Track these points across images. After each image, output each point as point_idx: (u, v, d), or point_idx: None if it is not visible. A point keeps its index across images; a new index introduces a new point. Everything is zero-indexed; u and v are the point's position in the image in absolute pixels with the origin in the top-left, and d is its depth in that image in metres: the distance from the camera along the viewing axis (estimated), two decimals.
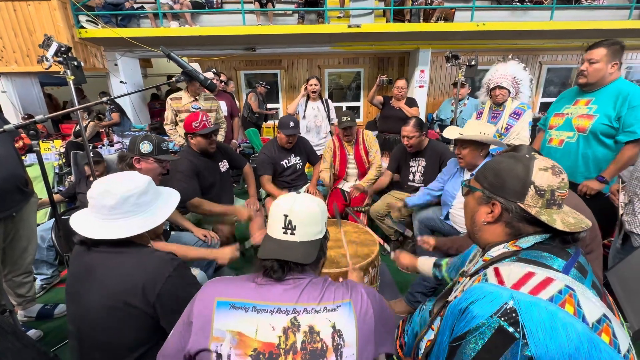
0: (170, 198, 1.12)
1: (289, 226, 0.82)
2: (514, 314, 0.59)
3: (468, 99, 4.11)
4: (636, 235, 1.49)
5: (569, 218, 0.72)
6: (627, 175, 1.75)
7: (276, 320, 0.75)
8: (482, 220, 0.80)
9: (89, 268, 0.96)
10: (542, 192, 0.72)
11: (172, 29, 4.88)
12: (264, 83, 5.20)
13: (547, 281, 0.63)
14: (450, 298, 0.88)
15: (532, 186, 0.72)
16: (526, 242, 0.74)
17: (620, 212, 1.55)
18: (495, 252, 0.77)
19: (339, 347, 0.74)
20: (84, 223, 0.96)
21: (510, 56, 2.57)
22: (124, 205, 0.95)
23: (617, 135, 1.75)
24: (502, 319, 0.59)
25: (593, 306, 0.61)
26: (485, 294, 0.64)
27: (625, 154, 1.73)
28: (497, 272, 0.69)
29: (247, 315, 0.76)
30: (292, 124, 2.53)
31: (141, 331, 0.94)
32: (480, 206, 0.81)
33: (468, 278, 0.81)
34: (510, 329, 0.58)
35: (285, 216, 0.83)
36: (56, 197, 2.56)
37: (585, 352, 0.55)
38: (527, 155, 0.78)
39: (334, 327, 0.75)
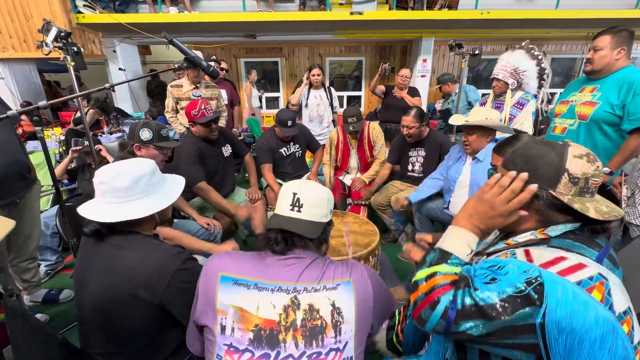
0: (177, 180, 1.15)
1: (297, 204, 0.86)
2: (539, 286, 0.59)
3: (454, 94, 4.09)
4: (635, 226, 1.50)
5: (602, 206, 0.71)
6: (628, 168, 1.75)
7: (277, 299, 0.78)
8: None
9: (97, 258, 0.97)
10: (576, 180, 0.70)
11: (171, 14, 4.79)
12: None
13: (579, 266, 0.63)
14: None
15: (566, 173, 0.71)
16: (555, 230, 0.72)
17: (623, 205, 1.55)
18: (521, 238, 0.76)
19: (338, 323, 0.77)
20: (97, 211, 0.95)
21: (524, 43, 2.49)
22: (137, 186, 0.97)
23: (621, 124, 1.73)
24: (528, 285, 0.60)
25: (622, 297, 0.62)
26: (517, 264, 0.65)
27: (631, 144, 1.70)
28: (527, 253, 0.68)
29: (249, 292, 0.79)
30: (289, 123, 2.46)
31: (147, 321, 0.95)
32: None
33: (485, 256, 0.81)
34: (534, 295, 0.59)
35: (294, 194, 0.87)
36: (58, 170, 2.55)
37: (599, 336, 0.57)
38: (561, 142, 0.75)
39: (333, 305, 0.78)
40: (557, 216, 0.73)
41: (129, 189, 0.96)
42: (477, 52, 2.75)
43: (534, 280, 0.60)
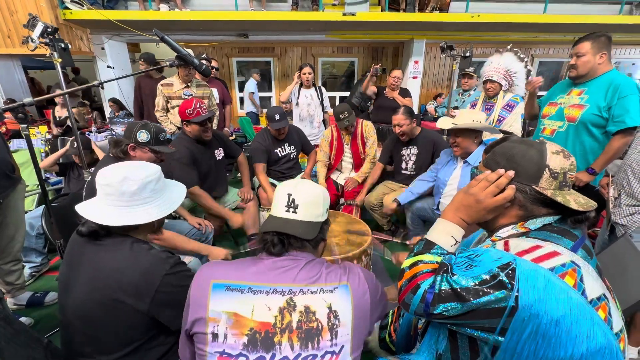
0: (178, 187, 1.13)
1: (292, 204, 0.85)
2: (511, 271, 0.63)
3: (475, 89, 4.05)
4: (620, 225, 1.54)
5: (579, 198, 0.76)
6: (614, 169, 1.80)
7: (272, 301, 0.77)
8: None
9: (84, 261, 0.94)
10: (556, 175, 0.75)
11: (161, 12, 4.72)
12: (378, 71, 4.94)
13: (553, 254, 0.67)
14: None
15: (547, 169, 0.75)
16: (535, 224, 0.77)
17: (610, 206, 1.59)
18: (503, 233, 0.80)
19: (334, 326, 0.76)
20: (99, 213, 0.93)
21: (509, 46, 2.57)
22: (143, 192, 0.95)
23: (606, 126, 1.78)
24: (501, 270, 0.64)
25: (595, 284, 0.65)
26: (493, 251, 0.69)
27: (614, 145, 1.76)
28: (505, 243, 0.73)
29: (243, 296, 0.78)
30: (277, 116, 2.46)
31: (132, 327, 0.93)
32: None
33: None
34: (506, 280, 0.63)
35: (289, 195, 0.86)
36: (49, 160, 2.50)
37: (574, 319, 0.60)
38: (537, 140, 0.80)
39: (329, 307, 0.77)
40: (540, 210, 0.77)
41: (135, 194, 0.94)
42: (467, 54, 2.79)
43: (506, 266, 0.64)
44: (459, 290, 0.65)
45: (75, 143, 2.05)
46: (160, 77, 3.69)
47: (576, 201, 0.74)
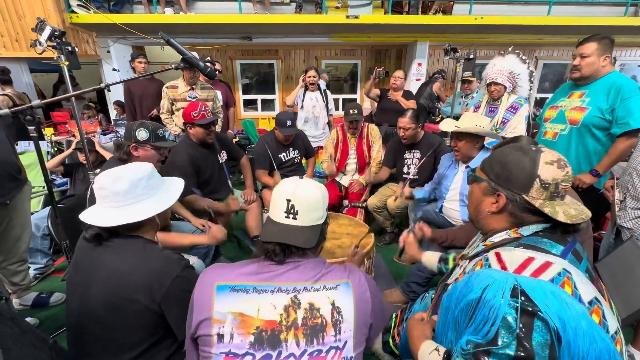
0: (175, 182, 1.15)
1: (291, 211, 0.83)
2: (523, 295, 0.60)
3: (477, 92, 4.06)
4: (626, 229, 1.52)
5: (571, 209, 0.75)
6: (619, 172, 1.78)
7: (277, 299, 0.77)
8: (487, 210, 0.82)
9: (95, 263, 0.96)
10: (547, 185, 0.74)
11: (166, 15, 4.77)
12: (445, 74, 4.95)
13: (547, 265, 0.65)
14: (449, 281, 0.91)
15: (537, 179, 0.74)
16: (527, 230, 0.76)
17: (616, 209, 1.57)
18: (497, 238, 0.80)
19: (338, 322, 0.77)
20: (98, 215, 0.95)
21: (510, 48, 2.57)
22: (136, 189, 0.97)
23: (610, 128, 1.76)
24: (518, 301, 0.59)
25: (587, 289, 0.64)
26: (493, 279, 0.64)
27: (618, 147, 1.74)
28: (499, 258, 0.71)
29: (248, 296, 0.78)
30: (289, 122, 2.48)
31: (145, 328, 0.95)
32: (485, 196, 0.83)
33: (468, 261, 0.84)
34: (529, 306, 0.59)
35: (288, 201, 0.83)
36: (54, 161, 2.53)
37: (586, 328, 0.57)
38: (533, 148, 0.78)
39: (333, 304, 0.78)
40: (530, 218, 0.77)
41: (128, 192, 0.96)
42: (471, 56, 2.79)
43: (516, 292, 0.59)
44: (515, 356, 0.56)
45: (80, 144, 2.07)
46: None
47: (566, 213, 0.73)
